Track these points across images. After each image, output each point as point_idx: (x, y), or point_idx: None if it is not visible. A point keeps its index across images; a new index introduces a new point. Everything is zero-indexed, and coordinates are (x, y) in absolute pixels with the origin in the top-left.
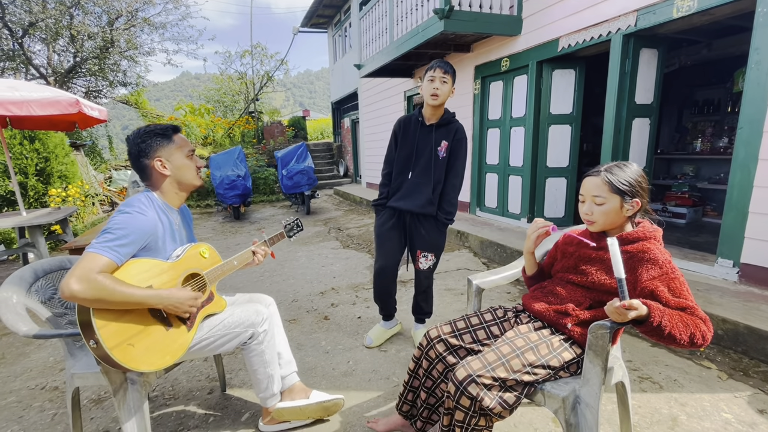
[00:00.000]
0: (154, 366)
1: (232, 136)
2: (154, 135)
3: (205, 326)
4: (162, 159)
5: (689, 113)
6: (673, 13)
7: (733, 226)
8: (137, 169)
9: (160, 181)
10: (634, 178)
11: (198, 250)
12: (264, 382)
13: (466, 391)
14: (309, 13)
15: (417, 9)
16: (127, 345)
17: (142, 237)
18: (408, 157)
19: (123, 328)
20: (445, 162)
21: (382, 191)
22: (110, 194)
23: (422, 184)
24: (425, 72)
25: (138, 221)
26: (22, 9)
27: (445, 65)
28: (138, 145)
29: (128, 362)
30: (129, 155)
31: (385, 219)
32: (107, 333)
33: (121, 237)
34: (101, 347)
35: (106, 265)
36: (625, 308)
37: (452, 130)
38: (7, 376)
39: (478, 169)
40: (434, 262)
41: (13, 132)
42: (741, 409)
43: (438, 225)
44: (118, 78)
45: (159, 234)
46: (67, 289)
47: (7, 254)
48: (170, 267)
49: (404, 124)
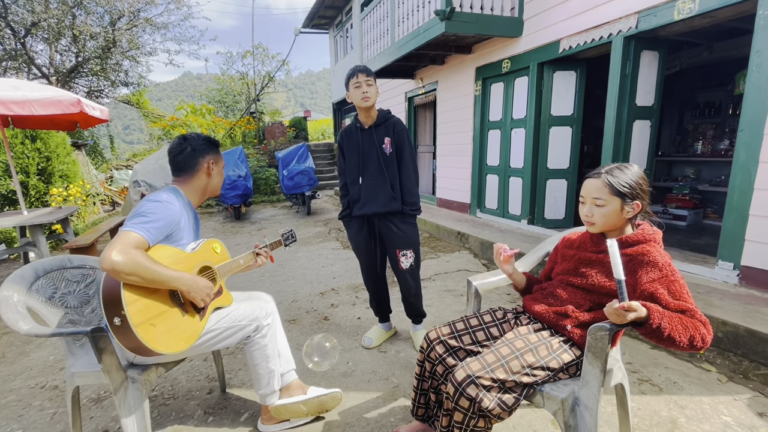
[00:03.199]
0: (171, 348)
1: (233, 136)
2: (210, 142)
3: (213, 318)
4: (213, 162)
5: (690, 115)
6: (674, 16)
7: (734, 229)
8: (183, 163)
9: (199, 180)
10: (634, 180)
11: (212, 245)
12: (265, 378)
13: (465, 393)
14: (310, 14)
15: (418, 10)
16: (150, 324)
17: (170, 224)
18: (357, 163)
19: (149, 307)
20: (393, 157)
21: (343, 202)
22: (111, 194)
23: (378, 184)
24: (348, 80)
25: (168, 209)
26: (24, 9)
27: (365, 69)
28: (199, 144)
29: (150, 341)
30: (180, 149)
31: (356, 229)
32: (134, 309)
33: (154, 220)
34: (126, 323)
35: (141, 242)
36: (625, 310)
37: (390, 126)
38: (8, 375)
39: (478, 170)
40: (414, 258)
41: (15, 131)
42: (741, 412)
43: (406, 218)
44: (119, 78)
45: (182, 225)
46: (108, 260)
47: (8, 253)
48: (188, 257)
49: (346, 134)
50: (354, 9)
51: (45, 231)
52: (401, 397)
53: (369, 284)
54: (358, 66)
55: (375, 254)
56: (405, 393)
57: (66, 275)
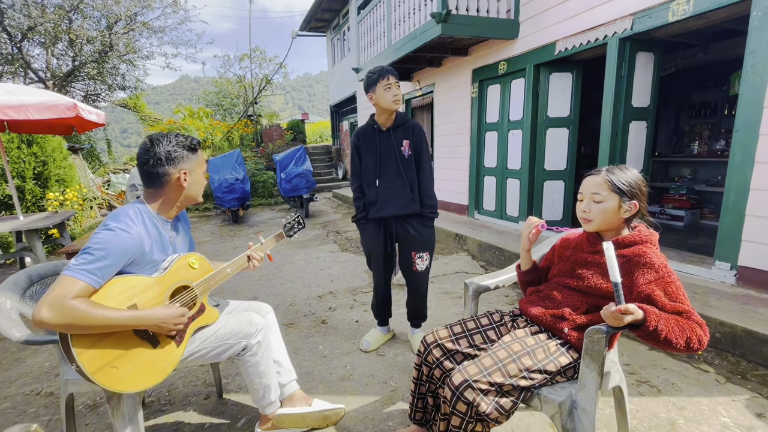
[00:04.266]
0: (140, 386)
1: (230, 139)
2: (184, 146)
3: (197, 338)
4: (186, 171)
5: (686, 116)
6: (669, 17)
7: (730, 229)
8: (150, 175)
9: (170, 193)
10: (634, 180)
11: (186, 261)
12: (260, 392)
13: (463, 396)
14: (307, 17)
15: (414, 13)
16: (111, 368)
17: (125, 256)
18: (374, 165)
19: (103, 353)
20: (412, 159)
21: (358, 205)
22: (108, 198)
23: (397, 186)
24: (377, 81)
25: (120, 239)
26: (21, 13)
27: (394, 71)
28: (167, 152)
29: (112, 385)
30: (146, 158)
31: (373, 232)
32: (86, 358)
33: (101, 258)
34: (82, 372)
35: (83, 289)
36: (621, 312)
37: (409, 128)
38: (2, 382)
39: (476, 172)
40: (429, 261)
41: (11, 136)
42: (739, 413)
43: (425, 221)
44: (116, 82)
45: (146, 249)
46: (37, 316)
47: (4, 258)
48: (156, 282)
49: (362, 135)
50: (351, 12)
51: (41, 236)
52: (399, 401)
53: (380, 287)
54: (386, 67)
55: (390, 258)
56: (403, 397)
57: None
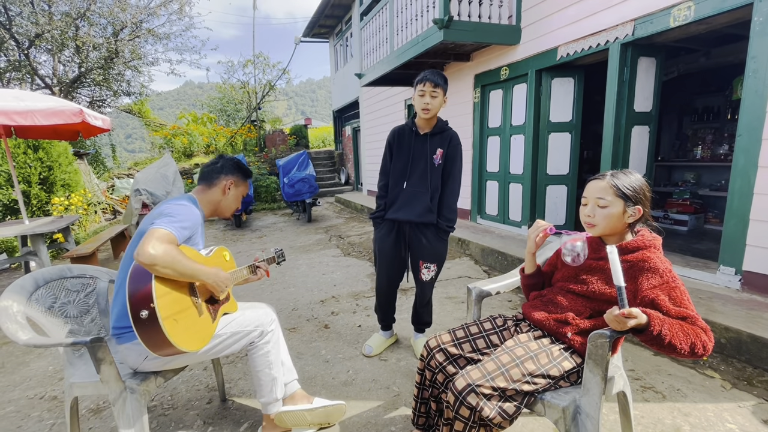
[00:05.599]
0: (189, 346)
1: (234, 144)
2: (241, 169)
3: (221, 323)
4: (233, 183)
5: (689, 120)
6: (670, 23)
7: (734, 234)
8: (210, 173)
9: (214, 194)
10: (638, 185)
11: (222, 253)
12: (268, 385)
13: (466, 401)
14: (311, 24)
15: (417, 19)
16: (173, 320)
17: (193, 227)
18: (404, 167)
19: (175, 301)
20: (440, 169)
21: (379, 203)
22: (113, 203)
23: (419, 192)
24: (416, 83)
25: (193, 213)
26: (28, 21)
27: (435, 77)
28: (230, 165)
29: (173, 336)
30: (216, 161)
31: (385, 232)
32: (163, 302)
33: (183, 220)
34: (154, 316)
35: (172, 238)
36: (625, 316)
37: (447, 137)
38: (6, 386)
39: (478, 176)
40: (436, 272)
41: (18, 141)
42: (745, 419)
43: (439, 233)
44: (122, 88)
45: (199, 231)
46: (146, 254)
47: (9, 262)
48: (205, 260)
49: (398, 134)
50: (354, 18)
51: (46, 240)
52: (402, 406)
53: (384, 290)
54: (429, 73)
55: (399, 261)
56: (406, 402)
57: (66, 285)
